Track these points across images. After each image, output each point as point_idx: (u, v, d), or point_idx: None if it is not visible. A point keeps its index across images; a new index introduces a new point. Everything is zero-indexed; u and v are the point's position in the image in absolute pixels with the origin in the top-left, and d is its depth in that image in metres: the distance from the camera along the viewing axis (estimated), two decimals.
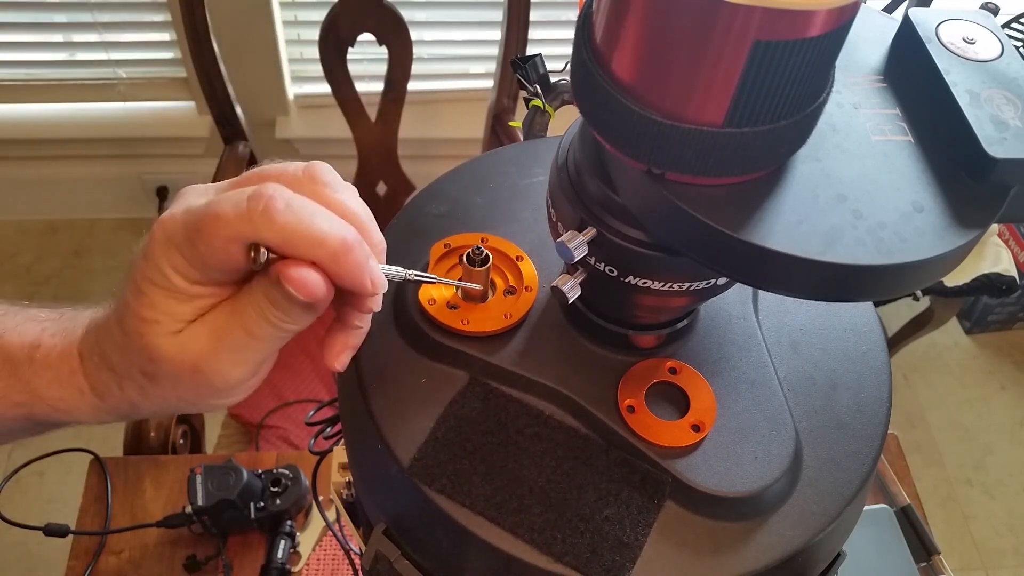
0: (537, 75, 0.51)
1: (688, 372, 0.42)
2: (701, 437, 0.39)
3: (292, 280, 0.33)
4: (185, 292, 0.35)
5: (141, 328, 0.35)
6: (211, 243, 0.33)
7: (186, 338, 0.35)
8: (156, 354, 0.35)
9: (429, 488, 0.38)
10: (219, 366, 0.36)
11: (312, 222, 0.33)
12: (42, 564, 1.58)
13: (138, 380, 0.37)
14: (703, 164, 0.30)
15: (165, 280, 0.34)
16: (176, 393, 0.37)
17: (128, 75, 1.82)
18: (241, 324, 0.35)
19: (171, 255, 0.34)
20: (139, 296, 0.35)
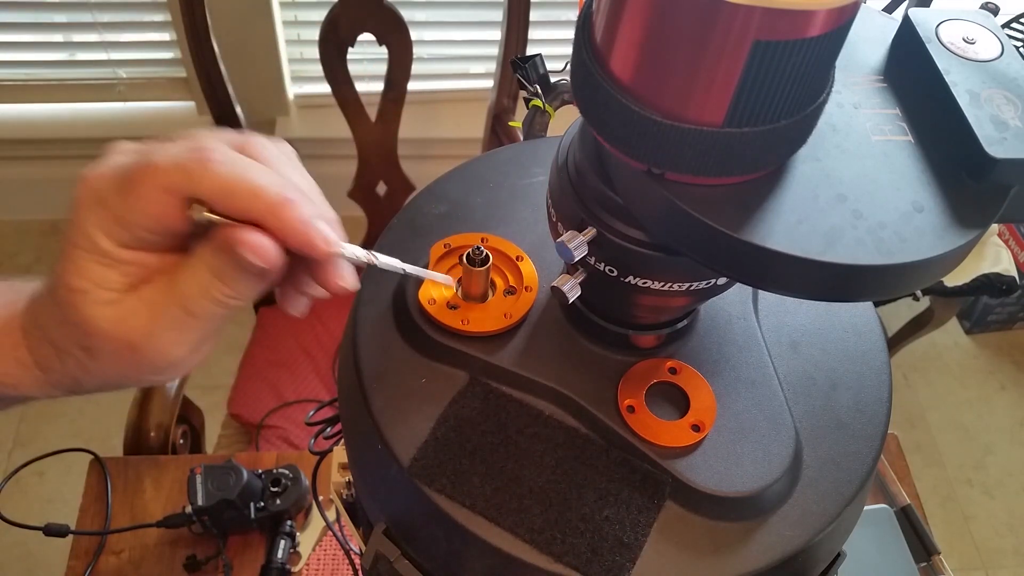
0: (537, 75, 0.51)
1: (688, 372, 0.42)
2: (701, 437, 0.39)
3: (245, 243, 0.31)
4: (112, 255, 0.32)
5: (71, 298, 0.33)
6: (144, 194, 0.31)
7: (122, 312, 0.33)
8: (90, 327, 0.33)
9: (429, 488, 0.38)
10: (157, 344, 0.33)
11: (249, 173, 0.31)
12: (42, 564, 1.58)
13: (77, 355, 0.35)
14: (703, 164, 0.30)
15: (89, 242, 0.32)
16: (116, 369, 0.35)
17: (128, 75, 1.82)
18: (179, 302, 0.33)
19: (97, 213, 0.32)
20: (65, 262, 0.33)
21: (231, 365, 1.35)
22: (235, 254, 0.31)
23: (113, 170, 0.32)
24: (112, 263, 0.32)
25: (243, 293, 0.33)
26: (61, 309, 0.34)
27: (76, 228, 0.32)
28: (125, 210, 0.31)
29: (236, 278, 0.32)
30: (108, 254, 0.32)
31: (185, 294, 0.33)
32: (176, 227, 0.32)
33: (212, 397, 1.44)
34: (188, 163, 0.31)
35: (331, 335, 1.34)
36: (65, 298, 0.33)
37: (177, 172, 0.31)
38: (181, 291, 0.33)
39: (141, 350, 0.34)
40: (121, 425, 0.99)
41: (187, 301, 0.33)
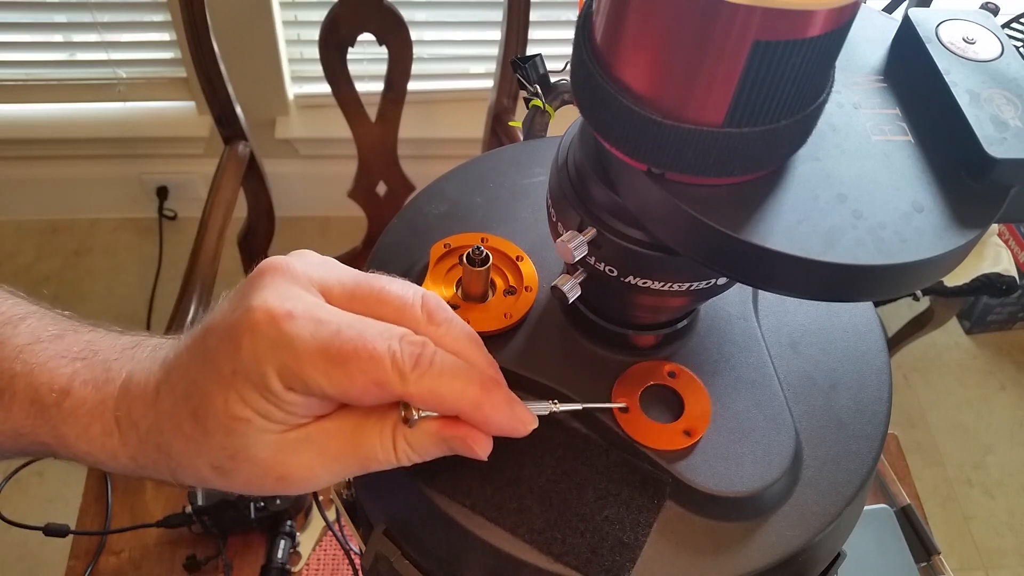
0: (537, 75, 0.51)
1: (686, 377, 0.42)
2: (692, 443, 0.39)
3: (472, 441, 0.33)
4: (280, 398, 0.31)
5: (231, 426, 0.31)
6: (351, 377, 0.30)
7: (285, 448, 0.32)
8: (243, 454, 0.32)
9: (429, 488, 0.38)
10: (313, 482, 0.33)
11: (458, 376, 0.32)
12: (42, 564, 1.58)
13: (203, 471, 0.33)
14: (703, 164, 0.30)
15: (262, 380, 0.30)
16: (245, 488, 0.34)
17: (128, 75, 1.82)
18: (358, 456, 0.33)
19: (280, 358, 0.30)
20: (227, 389, 0.31)
21: None
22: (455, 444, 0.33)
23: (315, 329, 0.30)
24: (278, 403, 0.31)
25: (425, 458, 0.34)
26: (206, 432, 0.32)
27: (251, 361, 0.30)
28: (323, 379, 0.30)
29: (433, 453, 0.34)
30: (278, 397, 0.31)
31: (369, 450, 0.33)
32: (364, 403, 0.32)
33: None
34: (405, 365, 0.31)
35: None
36: (223, 425, 0.32)
37: (395, 374, 0.31)
38: (364, 446, 0.33)
39: (291, 480, 0.33)
40: None
41: (368, 457, 0.33)
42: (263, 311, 0.30)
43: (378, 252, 0.47)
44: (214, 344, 0.32)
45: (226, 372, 0.31)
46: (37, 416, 0.35)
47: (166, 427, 0.34)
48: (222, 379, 0.31)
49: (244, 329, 0.31)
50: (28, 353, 0.36)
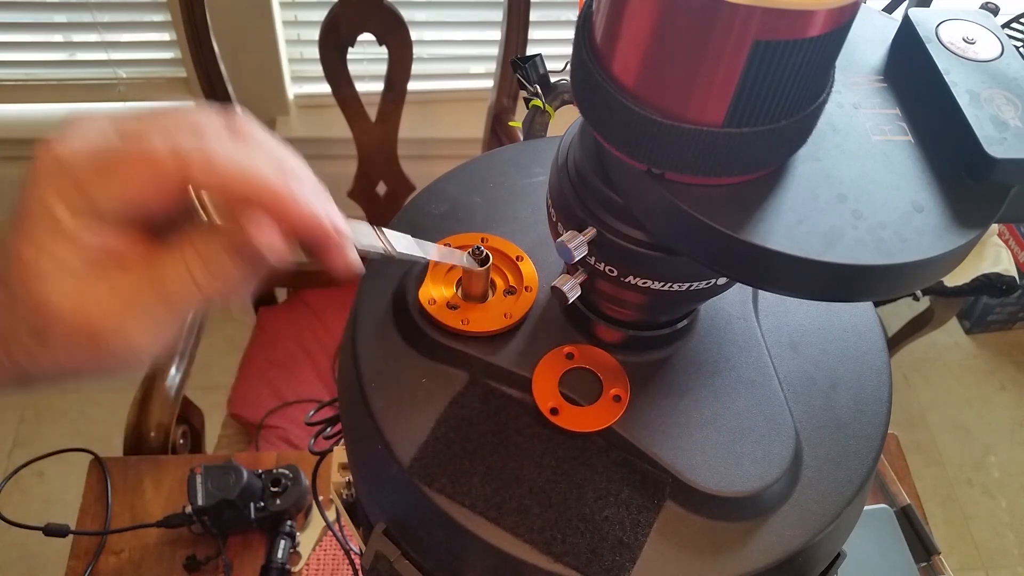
0: (537, 75, 0.51)
1: (583, 349, 0.42)
2: (625, 404, 0.40)
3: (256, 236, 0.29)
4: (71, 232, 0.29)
5: (23, 272, 0.30)
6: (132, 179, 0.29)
7: (83, 296, 0.30)
8: (44, 306, 0.30)
9: (429, 488, 0.38)
10: (123, 332, 0.30)
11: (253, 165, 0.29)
12: (42, 564, 1.58)
13: (26, 342, 0.31)
14: (703, 164, 0.30)
15: (47, 213, 0.29)
16: (70, 361, 0.31)
17: (128, 75, 1.82)
18: (155, 287, 0.30)
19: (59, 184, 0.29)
20: (17, 233, 0.30)
21: (231, 365, 1.35)
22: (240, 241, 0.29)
23: (91, 146, 0.29)
24: (69, 239, 0.29)
25: (231, 284, 0.31)
26: (9, 287, 0.30)
27: (33, 198, 0.29)
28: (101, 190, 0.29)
29: (228, 268, 0.30)
30: (66, 231, 0.29)
31: (163, 277, 0.30)
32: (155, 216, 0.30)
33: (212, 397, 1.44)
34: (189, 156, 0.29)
35: (331, 335, 1.34)
36: (17, 273, 0.30)
37: (176, 165, 0.29)
38: (163, 279, 0.30)
39: (103, 338, 0.30)
40: (121, 425, 0.99)
41: (165, 286, 0.30)
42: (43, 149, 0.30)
43: None
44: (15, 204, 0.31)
45: (20, 220, 0.30)
46: None
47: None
48: (17, 229, 0.30)
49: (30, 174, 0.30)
50: None
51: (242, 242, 0.30)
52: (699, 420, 0.41)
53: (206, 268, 0.30)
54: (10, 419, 1.78)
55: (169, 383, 1.04)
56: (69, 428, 1.78)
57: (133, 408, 1.01)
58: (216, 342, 1.76)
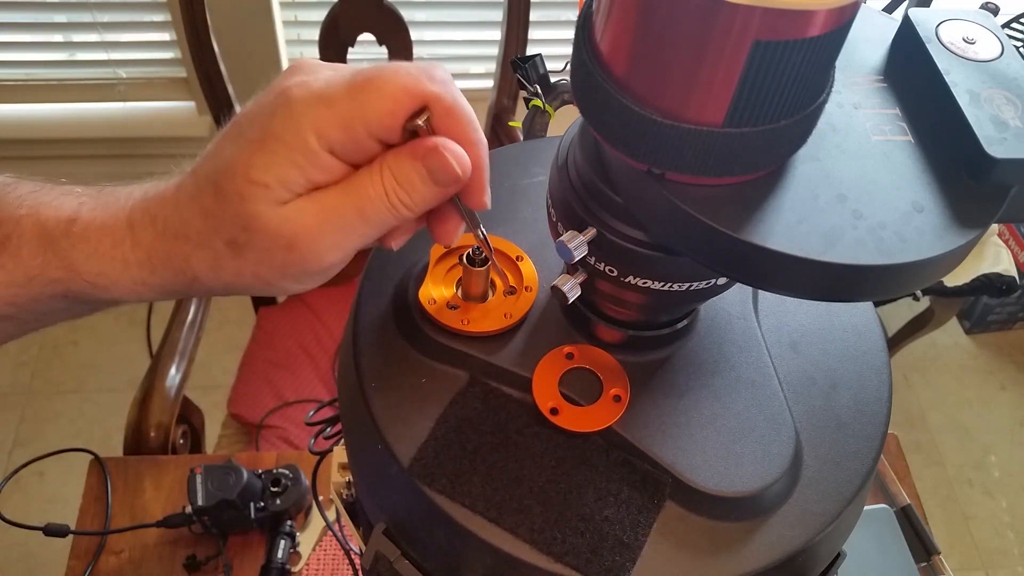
0: (537, 75, 0.51)
1: (583, 349, 0.42)
2: (626, 404, 0.40)
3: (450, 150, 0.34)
4: (313, 157, 0.33)
5: (246, 190, 0.33)
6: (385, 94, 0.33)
7: (292, 210, 0.34)
8: (254, 222, 0.34)
9: (429, 488, 0.38)
10: (318, 246, 0.34)
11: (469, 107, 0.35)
12: (42, 564, 1.58)
13: (219, 250, 0.35)
14: (703, 164, 0.30)
15: (298, 139, 0.33)
16: (256, 270, 0.35)
17: (128, 75, 1.82)
18: (355, 203, 0.34)
19: (317, 112, 0.33)
20: (253, 154, 0.33)
21: (231, 365, 1.35)
22: (435, 158, 0.34)
23: (337, 77, 0.34)
24: (305, 166, 0.33)
25: (417, 202, 0.35)
26: (223, 200, 0.34)
27: (285, 123, 0.33)
28: (357, 108, 0.33)
29: (417, 187, 0.34)
30: (311, 155, 0.33)
31: (363, 195, 0.34)
32: (393, 133, 0.34)
33: (212, 397, 1.44)
34: (434, 72, 0.34)
35: (331, 335, 1.34)
36: (239, 190, 0.33)
37: (424, 77, 0.33)
38: (359, 192, 0.34)
39: (300, 249, 0.34)
40: (121, 425, 1.00)
41: (364, 202, 0.34)
42: (295, 84, 0.34)
43: (378, 252, 0.47)
44: (247, 122, 0.34)
45: (257, 139, 0.33)
46: (46, 249, 0.36)
47: (186, 209, 0.35)
48: (250, 146, 0.33)
49: (281, 100, 0.34)
50: (32, 198, 0.38)
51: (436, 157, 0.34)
52: (699, 420, 0.41)
53: (397, 183, 0.34)
54: (10, 419, 1.79)
55: (169, 383, 1.04)
56: (69, 428, 1.78)
57: (133, 408, 1.01)
58: (216, 342, 1.76)
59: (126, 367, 1.86)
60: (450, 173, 0.34)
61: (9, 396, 1.82)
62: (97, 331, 1.91)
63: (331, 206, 0.34)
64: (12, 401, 1.81)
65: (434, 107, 0.34)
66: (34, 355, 1.88)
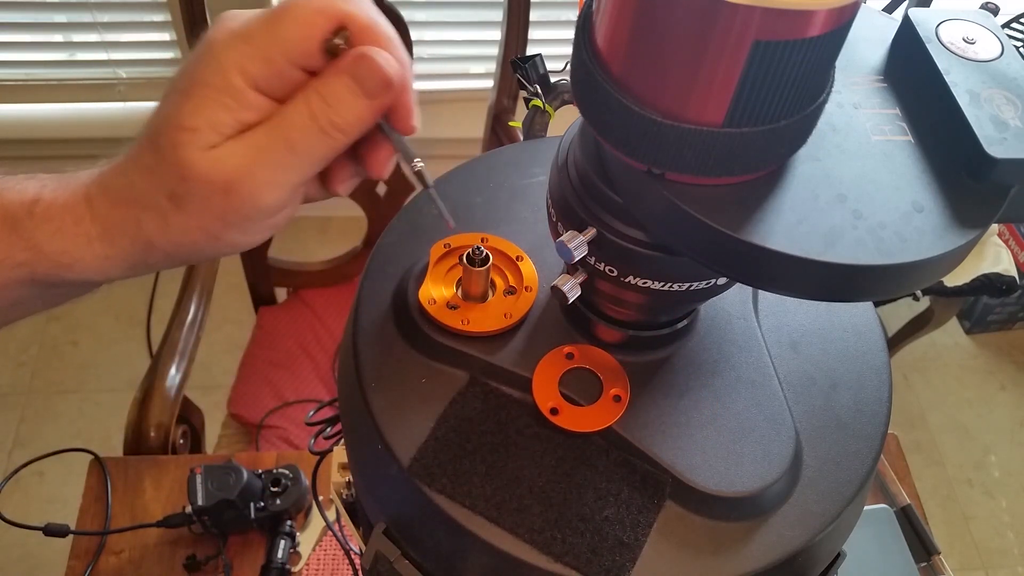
0: (537, 75, 0.51)
1: (583, 349, 0.42)
2: (626, 405, 0.40)
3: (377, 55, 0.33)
4: (238, 95, 0.33)
5: (177, 138, 0.34)
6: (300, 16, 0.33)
7: (222, 152, 0.34)
8: (188, 170, 0.34)
9: (429, 488, 0.38)
10: (252, 185, 0.34)
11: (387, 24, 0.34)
12: (42, 564, 1.58)
13: (162, 207, 0.35)
14: (703, 164, 0.30)
15: (222, 79, 0.33)
16: (200, 222, 0.35)
17: (128, 75, 1.82)
18: (282, 135, 0.34)
19: (239, 49, 0.33)
20: (183, 102, 0.34)
21: (231, 365, 1.35)
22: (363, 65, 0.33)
23: (255, 13, 0.34)
24: (232, 106, 0.33)
25: (348, 120, 0.34)
26: (160, 153, 0.34)
27: (209, 67, 0.33)
28: (273, 38, 0.33)
29: (347, 102, 0.34)
30: (237, 93, 0.33)
31: (290, 125, 0.34)
32: (313, 58, 0.34)
33: (212, 397, 1.44)
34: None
35: (331, 335, 1.34)
36: (172, 138, 0.34)
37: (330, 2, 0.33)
38: (286, 124, 0.34)
39: (236, 191, 0.34)
40: (121, 425, 0.99)
41: (291, 132, 0.34)
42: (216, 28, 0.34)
43: (378, 252, 0.47)
44: (178, 76, 0.35)
45: (185, 87, 0.34)
46: (11, 232, 0.37)
47: (132, 172, 0.36)
48: (181, 95, 0.34)
49: (204, 47, 0.34)
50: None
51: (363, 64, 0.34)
52: (699, 420, 0.41)
53: (327, 104, 0.34)
54: (10, 419, 1.79)
55: (169, 383, 1.04)
56: (69, 428, 1.78)
57: (133, 408, 1.01)
58: (216, 342, 1.76)
59: (126, 367, 1.86)
60: (380, 76, 0.34)
61: (9, 396, 1.82)
62: (97, 331, 1.91)
63: (260, 142, 0.34)
64: (12, 401, 1.81)
65: (351, 25, 0.34)
66: (34, 355, 1.88)
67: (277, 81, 0.34)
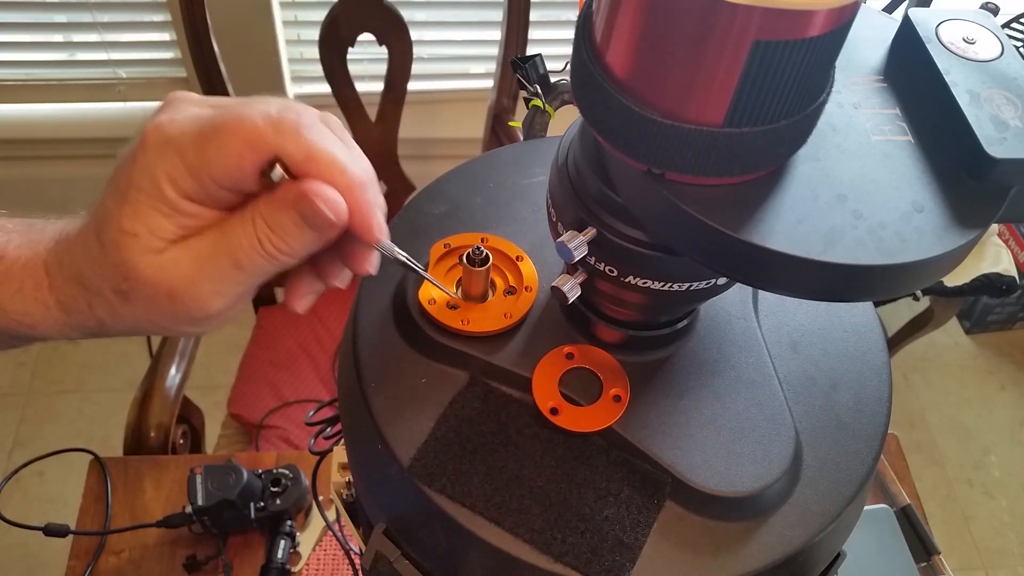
0: (537, 75, 0.51)
1: (583, 349, 0.42)
2: (625, 405, 0.40)
3: (320, 196, 0.32)
4: (173, 205, 0.33)
5: (120, 240, 0.33)
6: (228, 146, 0.32)
7: (166, 260, 0.33)
8: (132, 273, 0.33)
9: (429, 488, 0.38)
10: (198, 294, 0.34)
11: (335, 148, 0.33)
12: (42, 564, 1.58)
13: (109, 298, 0.35)
14: (703, 164, 0.30)
15: (154, 187, 0.32)
16: (148, 316, 0.35)
17: (128, 75, 1.82)
18: (228, 253, 0.33)
19: (168, 160, 0.32)
20: (122, 204, 0.33)
21: (231, 365, 1.35)
22: (305, 204, 0.32)
23: (193, 120, 0.33)
24: (170, 213, 0.33)
25: (295, 249, 0.34)
26: (104, 250, 0.34)
27: (142, 172, 0.33)
28: (202, 161, 0.32)
29: (293, 233, 0.33)
30: (170, 203, 0.33)
31: (236, 245, 0.33)
32: (245, 185, 0.33)
33: (212, 397, 1.44)
34: (281, 123, 0.32)
35: (331, 335, 1.34)
36: (114, 239, 0.33)
37: (269, 129, 0.32)
38: (232, 242, 0.33)
39: (180, 299, 0.34)
40: (121, 425, 1.00)
41: (237, 252, 0.33)
42: (152, 127, 0.33)
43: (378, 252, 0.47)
44: (118, 166, 0.34)
45: (123, 188, 0.33)
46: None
47: (79, 255, 0.35)
48: (119, 195, 0.33)
49: (139, 145, 0.33)
50: None
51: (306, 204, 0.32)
52: (699, 420, 0.41)
53: (271, 230, 0.33)
54: (10, 419, 1.78)
55: (169, 383, 1.04)
56: (69, 428, 1.78)
57: (133, 408, 1.01)
58: (216, 342, 1.76)
59: (126, 367, 1.86)
60: (323, 219, 0.33)
61: (9, 396, 1.82)
62: None
63: (205, 255, 0.34)
64: (12, 401, 1.81)
65: (287, 159, 0.32)
66: (34, 355, 1.88)
67: (210, 198, 0.33)
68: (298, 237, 0.33)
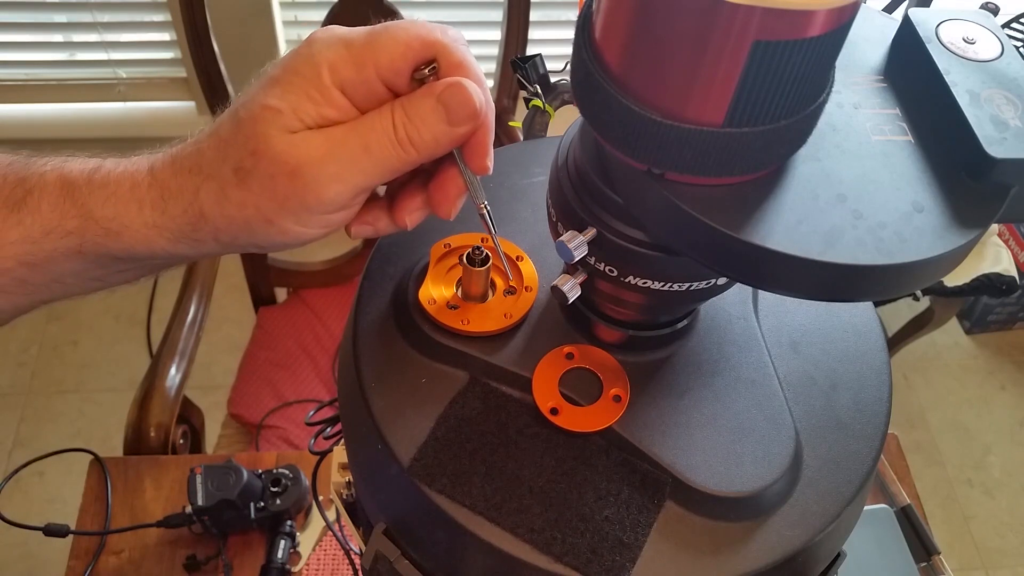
0: (537, 75, 0.51)
1: (583, 349, 0.42)
2: (626, 405, 0.40)
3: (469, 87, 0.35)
4: (324, 92, 0.35)
5: (260, 114, 0.35)
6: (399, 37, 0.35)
7: (299, 138, 0.35)
8: (263, 145, 0.35)
9: (429, 488, 0.38)
10: (320, 175, 0.35)
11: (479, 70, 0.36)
12: (42, 564, 1.58)
13: (225, 177, 0.36)
14: (703, 164, 0.30)
15: (313, 72, 0.35)
16: (257, 202, 0.36)
17: (128, 75, 1.82)
18: (360, 135, 0.35)
19: (334, 50, 0.35)
20: (272, 87, 0.35)
21: (231, 365, 1.35)
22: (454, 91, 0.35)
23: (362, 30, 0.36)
24: (318, 99, 0.35)
25: (425, 140, 0.36)
26: (238, 125, 0.36)
27: (304, 60, 0.35)
28: (370, 50, 0.35)
29: (428, 122, 0.35)
30: (323, 89, 0.35)
31: (369, 127, 0.35)
32: (400, 79, 0.36)
33: (212, 397, 1.44)
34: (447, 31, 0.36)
35: (331, 335, 1.34)
36: (253, 114, 0.35)
37: (436, 29, 0.36)
38: (366, 126, 0.36)
39: (301, 178, 0.35)
40: (121, 425, 1.00)
41: (368, 135, 0.35)
42: (324, 30, 0.37)
43: (378, 252, 0.47)
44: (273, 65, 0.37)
45: (277, 76, 0.36)
46: (65, 200, 0.38)
47: (204, 143, 0.37)
48: (271, 80, 0.36)
49: (305, 43, 0.36)
50: (59, 159, 0.40)
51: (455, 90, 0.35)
52: (699, 420, 0.41)
53: (409, 119, 0.35)
54: (10, 419, 1.79)
55: (169, 383, 1.04)
56: (69, 428, 1.78)
57: (133, 408, 1.01)
58: (216, 342, 1.76)
59: (126, 367, 1.86)
60: (468, 106, 0.35)
61: (9, 396, 1.82)
62: (97, 331, 1.91)
63: (338, 138, 0.35)
64: (12, 401, 1.81)
65: (443, 60, 0.35)
66: (34, 355, 1.88)
67: (363, 88, 0.36)
68: (432, 127, 0.35)
